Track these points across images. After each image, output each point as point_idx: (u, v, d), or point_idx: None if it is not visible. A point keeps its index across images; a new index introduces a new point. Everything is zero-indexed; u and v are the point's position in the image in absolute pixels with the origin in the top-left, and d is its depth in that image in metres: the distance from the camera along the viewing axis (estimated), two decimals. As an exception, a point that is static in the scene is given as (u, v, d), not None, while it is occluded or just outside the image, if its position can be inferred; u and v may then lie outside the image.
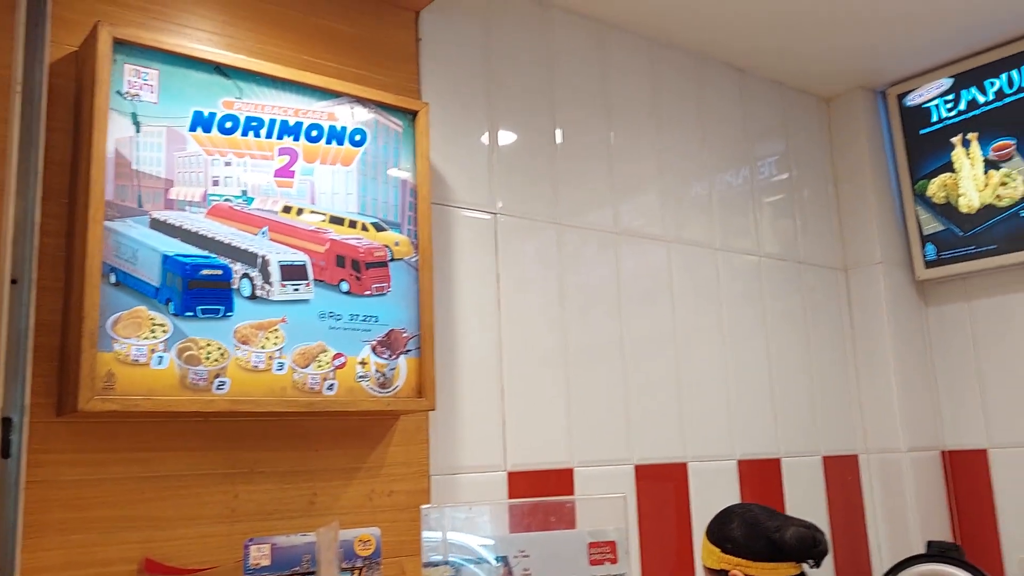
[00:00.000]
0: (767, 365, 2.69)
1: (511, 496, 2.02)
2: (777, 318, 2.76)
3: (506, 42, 2.28)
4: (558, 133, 2.34)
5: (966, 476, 2.87)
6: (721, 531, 1.66)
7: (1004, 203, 2.77)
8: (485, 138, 2.19)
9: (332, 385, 1.71)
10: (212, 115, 1.67)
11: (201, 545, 1.62)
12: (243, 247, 1.66)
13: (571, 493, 2.14)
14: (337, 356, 1.72)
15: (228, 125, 1.69)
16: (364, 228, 1.81)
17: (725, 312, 2.62)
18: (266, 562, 1.53)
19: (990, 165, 2.81)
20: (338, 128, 1.82)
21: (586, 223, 2.35)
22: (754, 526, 1.62)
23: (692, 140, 2.68)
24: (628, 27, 2.55)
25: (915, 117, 2.99)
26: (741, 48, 2.73)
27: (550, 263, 2.25)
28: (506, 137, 2.23)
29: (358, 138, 1.84)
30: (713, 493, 2.41)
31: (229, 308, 1.62)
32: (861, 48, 2.79)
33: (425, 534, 1.48)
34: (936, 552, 2.42)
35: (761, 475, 2.57)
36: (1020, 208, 2.73)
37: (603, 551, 1.43)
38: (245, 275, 1.65)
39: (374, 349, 1.77)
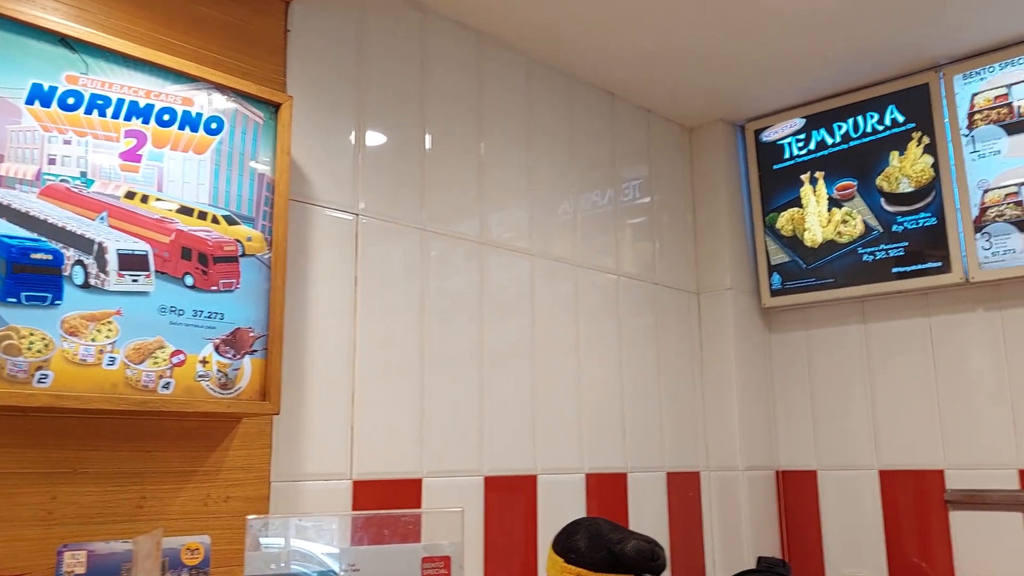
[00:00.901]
0: (619, 382, 2.76)
1: (356, 506, 1.98)
2: (632, 336, 2.84)
3: (380, 43, 2.25)
4: (428, 139, 2.32)
5: (796, 495, 3.03)
6: (567, 542, 1.69)
7: (844, 240, 2.95)
8: (352, 137, 2.15)
9: (168, 384, 1.62)
10: (53, 89, 1.56)
11: (11, 550, 1.50)
12: (78, 232, 1.55)
13: (419, 504, 2.12)
14: (176, 353, 1.63)
15: (70, 101, 1.58)
16: (215, 220, 1.73)
17: (583, 328, 2.67)
18: (81, 570, 1.43)
19: (834, 203, 2.99)
20: (193, 114, 1.73)
21: (451, 231, 2.34)
22: (597, 538, 1.66)
23: (562, 158, 2.72)
24: (506, 41, 2.57)
25: (770, 152, 3.16)
26: (611, 73, 2.80)
27: (412, 269, 2.22)
28: (374, 138, 2.20)
29: (214, 126, 1.76)
30: (560, 506, 2.45)
31: (58, 296, 1.51)
32: (722, 84, 2.92)
33: (250, 546, 1.42)
34: (765, 567, 2.54)
35: (608, 489, 2.63)
36: (858, 245, 2.92)
37: (436, 566, 1.42)
38: (79, 262, 1.54)
39: (217, 348, 1.69)
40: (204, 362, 1.67)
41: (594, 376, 2.67)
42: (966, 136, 2.72)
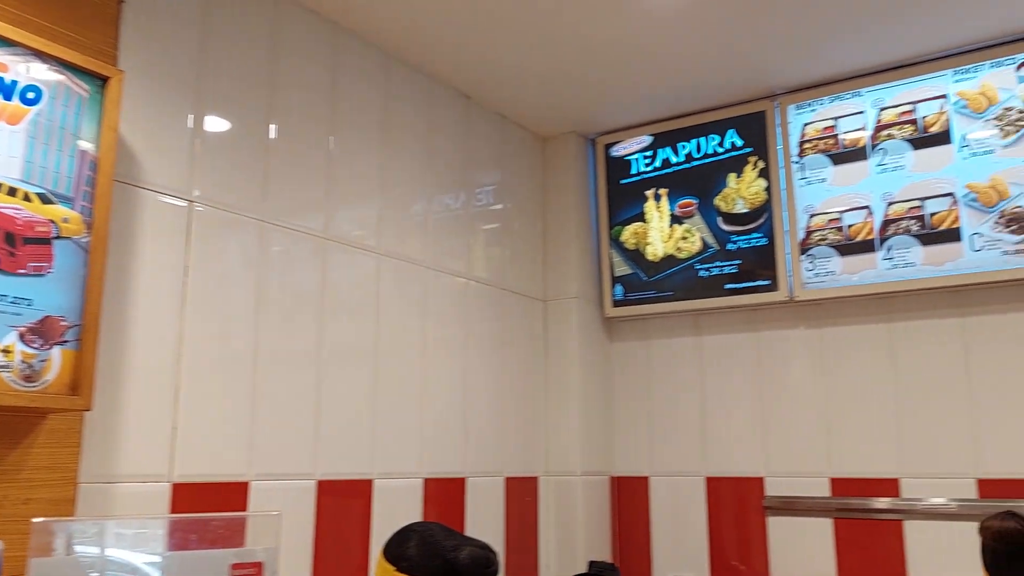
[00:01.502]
0: (464, 386, 2.75)
1: (175, 510, 1.86)
2: (479, 341, 2.84)
3: (227, 24, 2.14)
4: (273, 128, 2.23)
5: (629, 500, 3.12)
6: (398, 549, 1.65)
7: (683, 255, 3.07)
8: (190, 120, 2.03)
9: (-38, 374, 1.47)
10: None
11: None
12: None
13: (244, 508, 2.03)
14: (-27, 340, 1.48)
15: None
16: (27, 198, 1.58)
17: (429, 331, 2.64)
18: None
19: (675, 220, 3.11)
20: (7, 81, 1.58)
21: (295, 225, 2.25)
22: (431, 545, 1.62)
23: (417, 158, 2.69)
24: (364, 35, 2.51)
25: (618, 167, 3.25)
26: (468, 77, 2.80)
27: (250, 262, 2.13)
28: (215, 123, 2.09)
29: (31, 96, 1.61)
30: (396, 511, 2.40)
31: None
32: (575, 98, 2.98)
33: (35, 551, 1.30)
34: (595, 572, 2.60)
35: (446, 494, 2.61)
36: (695, 261, 3.05)
37: (247, 573, 1.35)
38: None
39: (23, 336, 1.55)
40: (6, 351, 1.52)
41: (439, 380, 2.65)
42: (797, 163, 2.90)
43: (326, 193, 2.36)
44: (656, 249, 3.13)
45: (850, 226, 2.78)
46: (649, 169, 3.18)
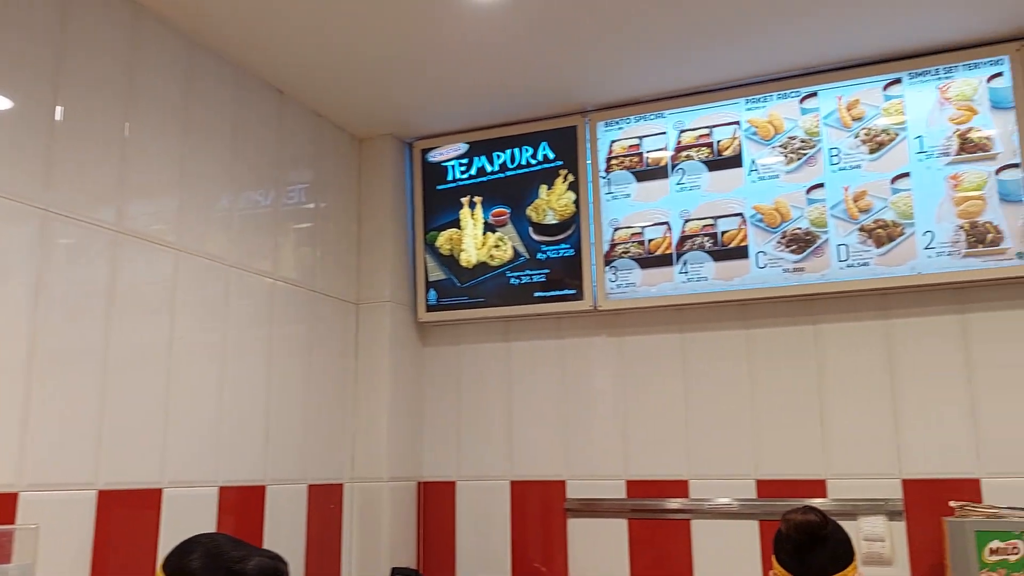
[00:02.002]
0: (266, 390, 2.65)
1: (-76, 526, 1.67)
2: (285, 344, 2.75)
3: (7, -8, 1.95)
4: (60, 110, 2.06)
5: (436, 505, 3.13)
6: (179, 563, 1.56)
7: (495, 263, 3.13)
8: (-42, 95, 1.84)
9: None
10: None
11: None
12: None
13: (12, 521, 1.84)
14: None
15: None
16: None
17: (231, 332, 2.52)
18: None
19: (488, 228, 3.16)
20: None
21: (83, 216, 2.08)
22: (217, 557, 1.55)
23: (223, 152, 2.57)
24: (166, 18, 2.37)
25: (434, 173, 3.26)
26: (281, 71, 2.71)
27: (29, 253, 1.94)
28: (-12, 100, 1.90)
29: None
30: (187, 522, 2.27)
31: None
32: (393, 101, 2.96)
33: None
34: (398, 578, 2.58)
35: (244, 503, 2.50)
36: (507, 269, 3.10)
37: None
38: None
39: None
40: None
41: (240, 384, 2.54)
42: (604, 178, 3.03)
43: (119, 183, 2.20)
44: (470, 256, 3.17)
45: (651, 240, 2.94)
46: (465, 176, 3.22)
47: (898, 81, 2.69)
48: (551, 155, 3.10)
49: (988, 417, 2.53)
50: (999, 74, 2.58)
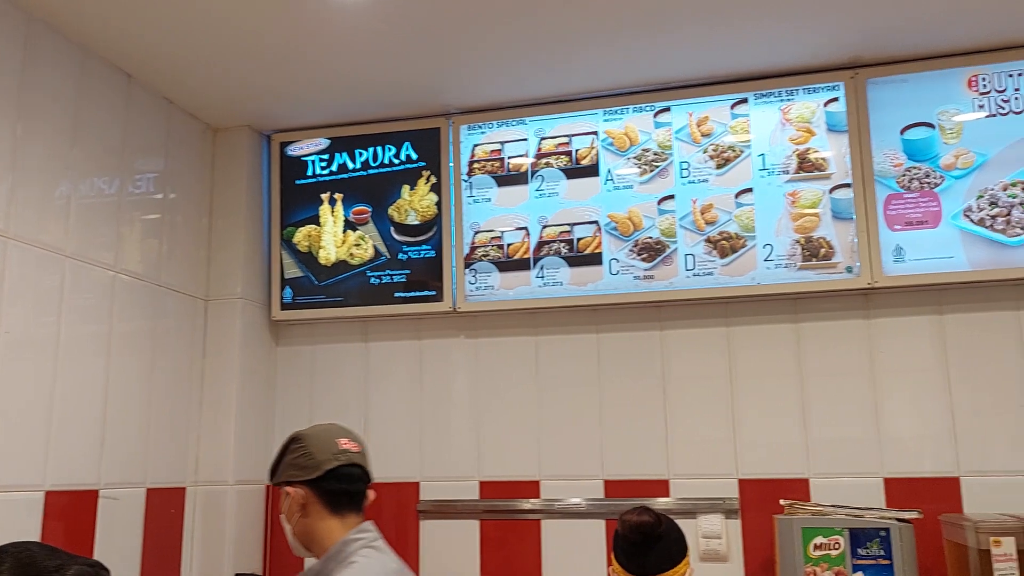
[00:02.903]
0: (104, 388, 2.51)
1: None
2: (126, 340, 2.61)
3: None
4: None
5: (286, 509, 3.04)
6: (-14, 575, 1.45)
7: (355, 262, 3.08)
8: None
9: None
10: None
11: None
12: None
13: None
14: None
15: None
16: None
17: (65, 326, 2.37)
18: None
19: (349, 226, 3.11)
20: None
21: None
22: (28, 567, 1.45)
23: (62, 135, 2.41)
24: (-4, -14, 2.21)
25: (293, 167, 3.18)
26: (128, 54, 2.57)
27: None
28: None
29: None
30: (7, 530, 2.12)
31: None
32: (250, 91, 2.86)
33: None
34: (240, 584, 2.50)
35: (73, 508, 2.35)
36: (367, 268, 3.07)
37: None
38: None
39: None
40: None
41: (73, 381, 2.38)
42: (466, 181, 3.04)
43: (-63, 163, 2.03)
44: (329, 253, 3.11)
45: (509, 244, 2.97)
46: (325, 172, 3.15)
47: (744, 101, 2.83)
48: (414, 156, 3.09)
49: (817, 420, 2.70)
50: (835, 99, 2.76)
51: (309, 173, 3.17)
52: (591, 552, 2.78)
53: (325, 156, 3.16)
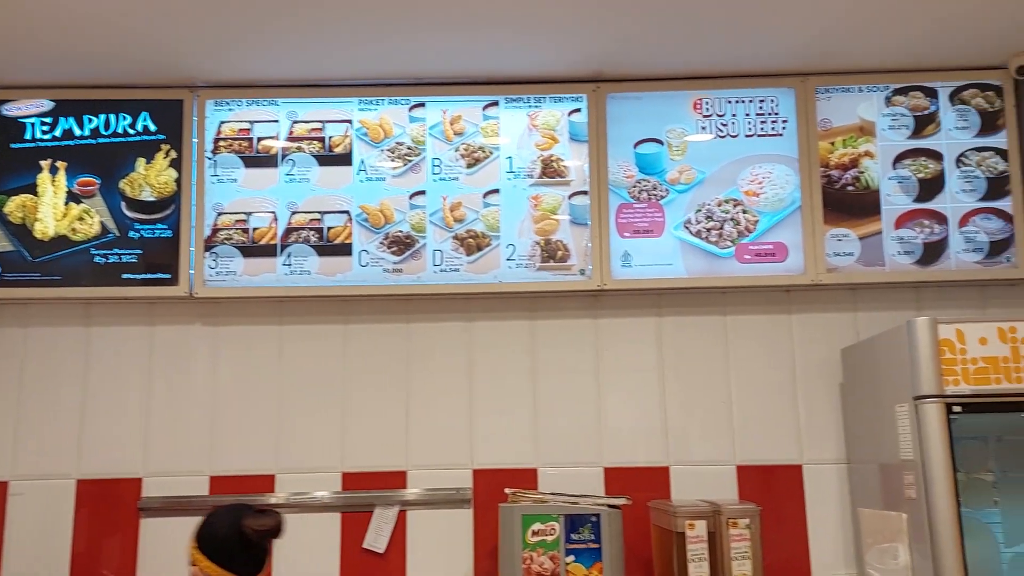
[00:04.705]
0: None
1: None
2: None
3: None
4: None
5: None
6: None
7: (78, 237, 2.82)
8: None
9: None
10: None
11: None
12: None
13: None
14: None
15: None
16: None
17: None
18: None
19: (72, 198, 2.84)
20: None
21: None
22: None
23: None
24: None
25: (9, 129, 2.85)
26: None
27: None
28: None
29: None
30: None
31: None
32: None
33: None
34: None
35: None
36: (91, 246, 2.82)
37: None
38: None
39: None
40: None
41: None
42: (210, 159, 2.88)
43: None
44: (46, 227, 2.82)
45: (255, 229, 2.85)
46: (47, 137, 2.86)
47: (496, 104, 2.92)
48: (152, 127, 2.88)
49: (547, 413, 2.83)
50: (578, 110, 2.91)
51: (28, 137, 2.85)
52: (328, 546, 2.74)
53: (48, 119, 2.86)
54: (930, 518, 2.14)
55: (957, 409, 2.16)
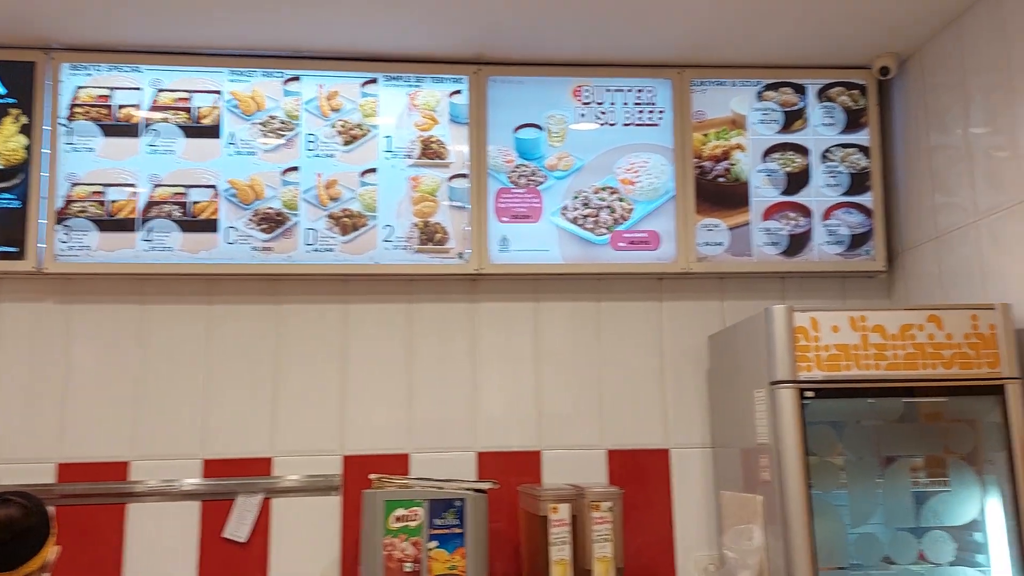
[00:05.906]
0: None
1: None
2: None
3: None
4: None
5: None
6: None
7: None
8: None
9: None
10: None
11: None
12: None
13: None
14: None
15: None
16: None
17: None
18: None
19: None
20: None
21: None
22: None
23: None
24: None
25: None
26: None
27: None
28: None
29: None
30: None
31: None
32: None
33: None
34: None
35: None
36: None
37: None
38: None
39: None
40: None
41: None
42: (65, 126, 2.70)
43: None
44: None
45: (113, 202, 2.70)
46: None
47: (374, 81, 2.84)
48: (1, 90, 2.68)
49: (422, 398, 2.79)
50: (459, 91, 2.87)
51: None
52: (186, 536, 2.63)
53: None
54: (782, 499, 2.21)
55: (809, 394, 2.23)
